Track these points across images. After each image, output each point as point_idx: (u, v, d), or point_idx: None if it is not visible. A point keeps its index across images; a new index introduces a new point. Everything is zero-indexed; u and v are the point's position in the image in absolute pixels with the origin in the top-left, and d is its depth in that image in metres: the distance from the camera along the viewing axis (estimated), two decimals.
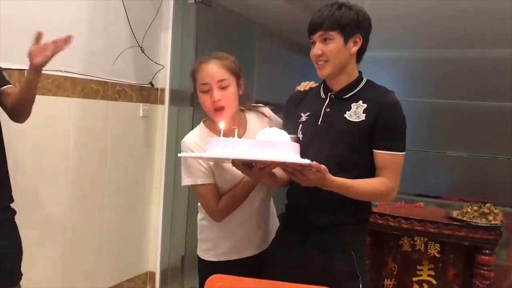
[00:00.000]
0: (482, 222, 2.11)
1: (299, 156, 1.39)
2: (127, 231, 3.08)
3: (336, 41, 1.56)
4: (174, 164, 3.24)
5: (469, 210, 2.21)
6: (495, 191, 2.47)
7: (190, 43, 3.24)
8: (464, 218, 2.15)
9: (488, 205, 2.21)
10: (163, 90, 3.22)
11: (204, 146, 1.62)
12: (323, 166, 1.39)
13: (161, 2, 3.14)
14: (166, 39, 3.19)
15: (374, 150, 1.57)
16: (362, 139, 1.57)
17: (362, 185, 1.54)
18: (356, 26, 1.58)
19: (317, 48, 1.59)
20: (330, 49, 1.57)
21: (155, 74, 3.15)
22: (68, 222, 2.60)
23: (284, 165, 1.44)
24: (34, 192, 2.39)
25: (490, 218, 2.12)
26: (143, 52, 3.01)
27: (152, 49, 3.11)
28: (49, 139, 2.45)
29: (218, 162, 1.70)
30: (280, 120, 1.83)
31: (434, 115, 2.61)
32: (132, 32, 2.91)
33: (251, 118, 1.84)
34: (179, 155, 1.57)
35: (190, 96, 3.29)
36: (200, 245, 1.89)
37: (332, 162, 1.51)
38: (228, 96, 1.69)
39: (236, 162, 1.45)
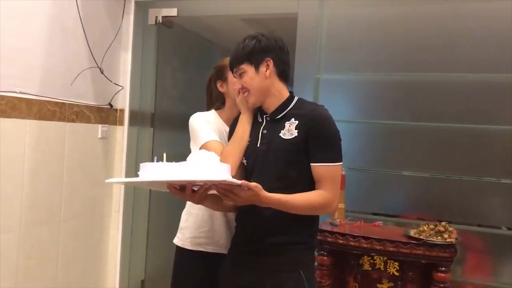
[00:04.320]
0: (438, 240, 2.16)
1: (229, 176, 1.40)
2: (85, 256, 2.98)
3: (248, 72, 1.66)
4: (133, 186, 3.18)
5: (425, 228, 2.26)
6: (450, 209, 2.55)
7: (150, 64, 3.22)
8: (421, 237, 2.20)
9: (443, 223, 2.27)
10: (122, 111, 3.18)
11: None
12: (253, 184, 1.43)
13: (121, 23, 3.12)
14: (125, 60, 3.17)
15: (311, 164, 1.61)
16: (298, 155, 1.61)
17: (299, 199, 1.57)
18: (261, 51, 1.66)
19: (237, 83, 1.71)
20: (245, 80, 1.67)
21: (114, 95, 3.11)
22: (21, 248, 2.50)
23: (215, 187, 1.46)
24: None
25: (446, 236, 2.18)
26: (102, 73, 2.97)
27: (111, 70, 3.07)
28: (3, 162, 2.36)
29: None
30: None
31: (391, 136, 2.68)
32: (91, 52, 2.87)
33: None
34: (106, 181, 1.55)
35: (151, 117, 3.27)
36: (183, 234, 1.95)
37: (273, 181, 1.58)
38: None
39: (169, 187, 1.49)
